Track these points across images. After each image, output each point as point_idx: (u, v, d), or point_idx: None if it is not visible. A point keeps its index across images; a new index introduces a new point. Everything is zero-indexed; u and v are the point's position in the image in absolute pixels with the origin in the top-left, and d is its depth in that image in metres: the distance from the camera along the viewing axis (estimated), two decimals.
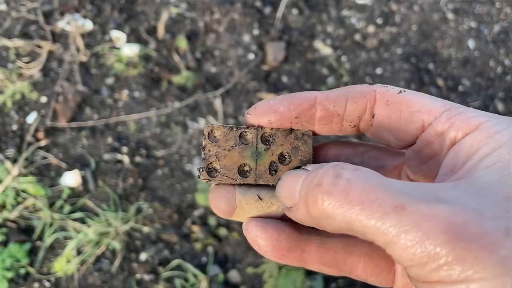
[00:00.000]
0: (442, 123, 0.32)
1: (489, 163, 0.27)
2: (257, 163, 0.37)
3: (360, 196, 0.26)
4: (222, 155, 0.37)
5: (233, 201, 0.36)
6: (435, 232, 0.23)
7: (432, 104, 0.33)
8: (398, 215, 0.24)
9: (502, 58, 1.74)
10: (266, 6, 1.68)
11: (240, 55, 1.60)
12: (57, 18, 1.56)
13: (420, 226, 0.24)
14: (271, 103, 0.36)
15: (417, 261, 0.24)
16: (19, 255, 1.28)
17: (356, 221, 0.26)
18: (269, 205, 0.37)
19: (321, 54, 1.65)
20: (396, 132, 0.35)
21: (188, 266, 1.30)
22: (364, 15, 1.73)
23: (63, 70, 1.50)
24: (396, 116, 0.34)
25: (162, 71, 1.54)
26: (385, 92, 0.35)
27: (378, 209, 0.25)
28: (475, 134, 0.29)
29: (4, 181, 1.32)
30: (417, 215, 0.24)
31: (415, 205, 0.24)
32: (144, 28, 1.59)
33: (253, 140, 0.37)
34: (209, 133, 0.37)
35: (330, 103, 0.35)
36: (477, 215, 0.24)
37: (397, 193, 0.25)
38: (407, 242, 0.24)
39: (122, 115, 1.47)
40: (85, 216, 1.33)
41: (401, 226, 0.24)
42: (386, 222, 0.25)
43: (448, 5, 1.79)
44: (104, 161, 1.41)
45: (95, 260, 1.31)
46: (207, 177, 0.36)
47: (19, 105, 1.45)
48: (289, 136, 0.37)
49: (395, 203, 0.25)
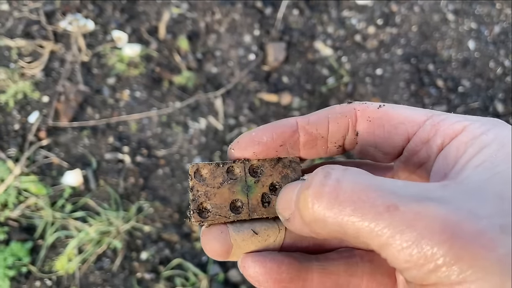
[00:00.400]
0: (427, 131, 0.31)
1: (477, 162, 0.27)
2: (249, 197, 0.36)
3: (351, 197, 0.25)
4: (211, 193, 0.35)
5: (228, 240, 0.34)
6: (430, 232, 0.22)
7: (414, 114, 0.33)
8: (391, 215, 0.23)
9: (502, 59, 1.74)
10: (267, 6, 1.69)
11: (241, 55, 1.60)
12: (59, 18, 1.57)
13: (415, 225, 0.23)
14: (253, 135, 0.36)
15: (413, 263, 0.23)
16: (20, 253, 1.28)
17: (348, 223, 0.25)
18: (266, 238, 0.35)
19: (321, 54, 1.65)
20: (382, 146, 0.34)
21: (188, 265, 1.31)
22: (365, 16, 1.74)
23: (64, 70, 1.51)
24: (380, 131, 0.34)
25: (163, 71, 1.55)
26: (365, 108, 0.34)
27: (371, 210, 0.24)
28: (461, 138, 0.29)
29: (6, 180, 1.33)
30: (411, 214, 0.23)
31: (408, 204, 0.24)
32: (146, 28, 1.60)
33: (241, 174, 0.36)
34: (195, 172, 0.35)
35: (312, 126, 0.35)
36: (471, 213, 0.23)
37: (388, 192, 0.25)
38: (403, 243, 0.23)
39: (123, 115, 1.48)
40: (86, 215, 1.34)
41: (395, 227, 0.23)
42: (380, 223, 0.24)
43: (449, 6, 1.80)
44: (106, 161, 1.42)
45: (96, 259, 1.32)
46: (199, 219, 0.34)
47: (21, 104, 1.46)
48: (277, 165, 0.36)
49: (387, 203, 0.24)
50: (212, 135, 1.49)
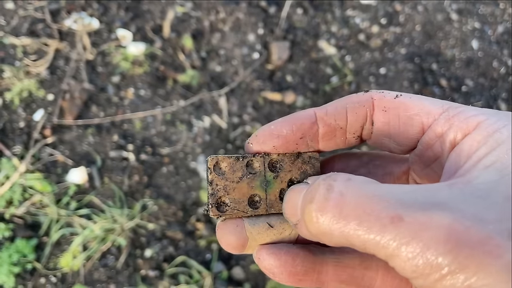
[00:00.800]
0: (441, 125, 0.31)
1: (488, 162, 0.26)
2: (267, 192, 0.35)
3: (355, 210, 0.25)
4: (230, 188, 0.35)
5: (244, 234, 0.34)
6: (435, 242, 0.23)
7: (430, 105, 0.32)
8: (396, 227, 0.24)
9: (505, 59, 1.74)
10: (271, 5, 1.69)
11: (245, 54, 1.61)
12: (64, 16, 1.58)
13: (420, 236, 0.23)
14: (272, 128, 0.35)
15: (420, 273, 0.23)
16: (25, 250, 1.29)
17: (354, 236, 0.25)
18: (281, 231, 0.35)
19: (325, 53, 1.66)
20: (396, 137, 0.34)
21: (192, 262, 1.32)
22: (368, 15, 1.74)
23: (69, 68, 1.52)
24: (395, 122, 0.33)
25: (167, 69, 1.56)
26: (381, 98, 0.34)
27: (376, 223, 0.24)
28: (474, 134, 0.28)
29: (11, 178, 1.34)
30: (416, 225, 0.23)
31: (412, 214, 0.24)
32: (150, 27, 1.61)
33: (260, 169, 0.36)
34: (215, 165, 0.35)
35: (331, 117, 0.35)
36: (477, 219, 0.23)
37: (393, 202, 0.25)
38: (408, 254, 0.23)
39: (128, 113, 1.49)
40: (91, 213, 1.35)
41: (401, 238, 0.23)
42: (385, 235, 0.24)
43: (452, 5, 1.80)
44: (110, 159, 1.43)
45: (101, 256, 1.32)
46: (217, 213, 0.35)
47: (26, 102, 1.47)
48: (297, 161, 0.36)
49: (392, 214, 0.24)
50: (216, 133, 1.49)
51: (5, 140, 1.42)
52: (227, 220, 0.35)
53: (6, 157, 1.38)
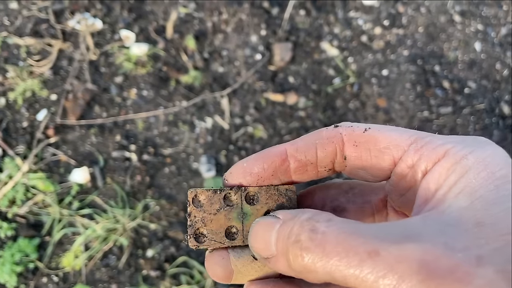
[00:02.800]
0: (411, 156, 0.32)
1: (457, 190, 0.27)
2: (244, 224, 0.37)
3: (336, 247, 0.27)
4: (208, 219, 0.36)
5: (229, 266, 0.36)
6: (409, 274, 0.24)
7: (399, 138, 0.33)
8: (373, 261, 0.25)
9: (508, 61, 1.74)
10: (274, 7, 1.70)
11: (247, 55, 1.61)
12: (67, 17, 1.59)
13: (395, 269, 0.24)
14: (245, 166, 0.36)
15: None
16: (28, 250, 1.30)
17: (336, 271, 0.26)
18: (265, 264, 0.36)
19: (327, 55, 1.66)
20: (370, 170, 0.35)
21: (193, 263, 1.32)
22: (371, 17, 1.74)
23: (73, 68, 1.53)
24: (366, 155, 0.34)
25: (170, 70, 1.56)
26: (351, 133, 0.35)
27: (355, 258, 0.26)
28: (443, 163, 0.29)
29: (14, 177, 1.35)
30: (391, 258, 0.24)
31: (387, 248, 0.25)
32: (153, 28, 1.61)
33: (237, 201, 0.37)
34: (193, 198, 0.37)
35: (301, 154, 0.36)
36: (447, 249, 0.24)
37: (369, 238, 0.26)
38: (386, 286, 0.24)
39: (130, 114, 1.49)
40: (93, 213, 1.35)
41: (378, 272, 0.25)
42: (364, 269, 0.25)
43: (455, 7, 1.80)
44: (113, 159, 1.43)
45: (103, 256, 1.33)
46: (195, 243, 0.36)
47: (29, 102, 1.47)
48: (273, 194, 0.37)
49: (369, 249, 0.25)
50: (218, 134, 1.49)
51: (8, 139, 1.42)
52: (214, 252, 0.37)
53: (9, 157, 1.38)
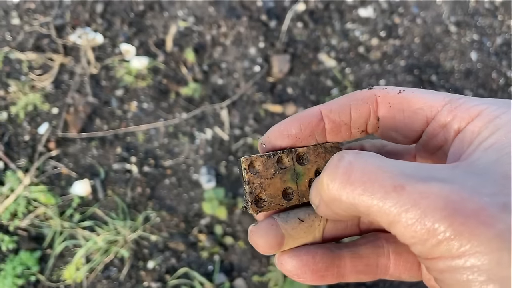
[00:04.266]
0: (445, 116, 0.33)
1: (487, 145, 0.28)
2: (298, 184, 0.38)
3: (361, 177, 0.27)
4: (266, 184, 0.37)
5: (280, 231, 0.36)
6: (433, 209, 0.24)
7: (433, 99, 0.34)
8: (398, 195, 0.25)
9: (504, 70, 1.76)
10: (272, 19, 1.72)
11: (246, 67, 1.63)
12: (68, 31, 1.61)
13: (419, 204, 0.24)
14: (282, 128, 0.37)
15: (418, 238, 0.25)
16: (29, 262, 1.30)
17: (359, 201, 0.27)
18: (311, 223, 0.38)
19: (325, 66, 1.68)
20: (402, 130, 0.36)
21: (194, 274, 1.32)
22: (368, 28, 1.76)
23: (74, 82, 1.55)
24: (400, 116, 0.35)
25: (170, 83, 1.58)
26: (385, 94, 0.36)
27: (380, 189, 0.26)
28: (476, 121, 0.30)
29: (16, 190, 1.36)
30: (416, 193, 0.25)
31: (413, 184, 0.25)
32: (153, 41, 1.63)
33: (290, 163, 0.38)
34: (249, 165, 0.37)
35: (336, 114, 0.36)
36: (474, 192, 0.24)
37: (397, 173, 0.26)
38: (408, 220, 0.25)
39: (131, 126, 1.51)
40: (94, 225, 1.36)
41: (401, 205, 0.25)
42: (387, 202, 0.25)
43: (451, 18, 1.83)
44: (113, 171, 1.45)
45: (104, 268, 1.33)
46: (256, 209, 0.37)
47: (31, 116, 1.49)
48: (320, 152, 0.38)
49: (394, 183, 0.26)
50: (218, 145, 1.51)
51: (10, 153, 1.44)
52: (260, 223, 0.37)
53: (11, 170, 1.40)
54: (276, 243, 0.36)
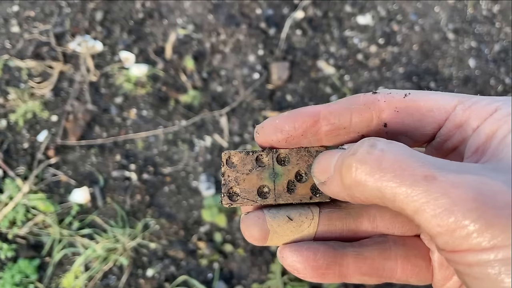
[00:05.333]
0: (460, 116, 0.32)
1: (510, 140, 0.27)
2: (275, 184, 0.38)
3: (392, 165, 0.27)
4: (241, 179, 0.38)
5: (265, 226, 0.36)
6: (464, 199, 0.24)
7: (443, 100, 0.33)
8: (428, 183, 0.25)
9: (502, 77, 1.77)
10: (271, 27, 1.73)
11: (245, 74, 1.64)
12: (68, 39, 1.62)
13: (449, 193, 0.24)
14: (277, 122, 0.37)
15: (445, 228, 0.24)
16: (28, 271, 1.30)
17: (387, 187, 0.27)
18: (300, 224, 0.37)
19: (324, 73, 1.68)
20: (413, 135, 0.35)
21: (194, 282, 1.32)
22: (366, 35, 1.77)
23: (73, 89, 1.55)
24: (409, 120, 0.34)
25: (169, 90, 1.58)
26: (390, 99, 0.35)
27: (409, 177, 0.26)
28: (494, 116, 0.29)
29: (15, 198, 1.35)
30: (447, 183, 0.24)
31: (446, 174, 0.25)
32: (152, 49, 1.64)
33: (269, 162, 0.38)
34: (227, 159, 0.38)
35: (335, 117, 0.35)
36: (505, 185, 0.24)
37: (428, 164, 0.26)
38: (436, 208, 0.24)
39: (130, 133, 1.51)
40: (93, 232, 1.35)
41: (431, 194, 0.25)
42: (416, 189, 0.25)
43: (449, 25, 1.84)
44: (113, 178, 1.44)
45: (103, 276, 1.32)
46: (229, 202, 0.37)
47: (30, 123, 1.49)
48: (304, 155, 0.38)
49: (426, 173, 0.25)
50: (217, 152, 1.51)
51: (9, 161, 1.44)
52: (250, 213, 0.38)
53: (10, 178, 1.39)
54: (260, 237, 0.36)
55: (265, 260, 1.37)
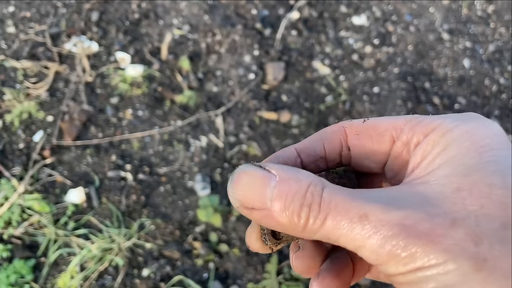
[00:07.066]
0: (406, 133, 0.34)
1: (441, 160, 0.30)
2: None
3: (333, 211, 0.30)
4: None
5: None
6: (391, 235, 0.27)
7: (396, 120, 0.36)
8: (362, 224, 0.28)
9: (497, 77, 1.78)
10: (266, 27, 1.74)
11: (241, 75, 1.64)
12: (64, 40, 1.62)
13: (380, 231, 0.28)
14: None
15: (381, 260, 0.28)
16: (23, 271, 1.30)
17: (330, 233, 0.30)
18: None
19: (319, 73, 1.69)
20: (373, 156, 0.37)
21: (189, 282, 1.32)
22: (362, 36, 1.78)
23: (69, 90, 1.55)
24: (368, 142, 0.37)
25: (165, 90, 1.59)
26: (351, 124, 0.38)
27: (347, 219, 0.29)
28: (430, 136, 0.32)
29: (10, 198, 1.35)
30: (377, 222, 0.28)
31: (375, 213, 0.28)
32: (148, 50, 1.64)
33: None
34: None
35: (311, 149, 0.38)
36: (426, 215, 0.27)
37: (362, 204, 0.29)
38: (372, 245, 0.28)
39: (126, 134, 1.51)
40: (89, 233, 1.36)
41: (365, 233, 0.28)
42: (354, 230, 0.29)
43: (443, 25, 1.84)
44: (108, 179, 1.45)
45: (98, 276, 1.33)
46: (275, 241, 0.37)
47: (26, 124, 1.49)
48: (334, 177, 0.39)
49: (360, 213, 0.29)
50: (213, 152, 1.51)
51: (5, 161, 1.44)
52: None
53: (5, 178, 1.39)
54: None
55: (260, 260, 1.37)
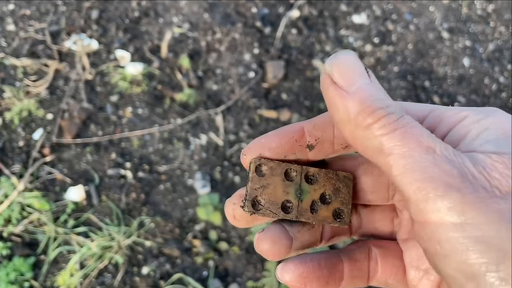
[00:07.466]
0: (431, 122, 0.33)
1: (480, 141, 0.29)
2: (300, 200, 0.37)
3: (406, 131, 0.28)
4: (267, 189, 0.37)
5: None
6: (449, 174, 0.26)
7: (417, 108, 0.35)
8: (428, 153, 0.27)
9: (497, 76, 1.78)
10: (266, 26, 1.74)
11: (240, 73, 1.64)
12: (64, 38, 1.62)
13: (440, 165, 0.26)
14: (263, 142, 0.37)
15: (423, 192, 0.26)
16: (23, 269, 1.30)
17: (387, 146, 0.28)
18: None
19: (319, 72, 1.69)
20: None
21: (189, 280, 1.32)
22: (362, 35, 1.78)
23: (69, 88, 1.55)
24: None
25: (165, 88, 1.59)
26: None
27: (415, 142, 0.28)
28: (464, 122, 0.31)
29: (10, 196, 1.35)
30: (441, 158, 0.27)
31: (443, 151, 0.27)
32: (148, 48, 1.64)
33: (297, 178, 0.38)
34: (257, 167, 0.37)
35: (319, 131, 0.36)
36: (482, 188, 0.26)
37: (437, 141, 0.28)
38: (423, 173, 0.26)
39: (125, 132, 1.51)
40: (89, 231, 1.36)
41: (424, 162, 0.27)
42: (417, 155, 0.27)
43: (443, 24, 1.85)
44: (108, 176, 1.45)
45: (98, 274, 1.33)
46: (252, 210, 0.37)
47: (26, 122, 1.49)
48: (331, 177, 0.38)
49: (431, 146, 0.27)
50: (213, 150, 1.51)
51: (4, 159, 1.44)
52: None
53: (5, 176, 1.39)
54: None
55: (260, 258, 1.37)
